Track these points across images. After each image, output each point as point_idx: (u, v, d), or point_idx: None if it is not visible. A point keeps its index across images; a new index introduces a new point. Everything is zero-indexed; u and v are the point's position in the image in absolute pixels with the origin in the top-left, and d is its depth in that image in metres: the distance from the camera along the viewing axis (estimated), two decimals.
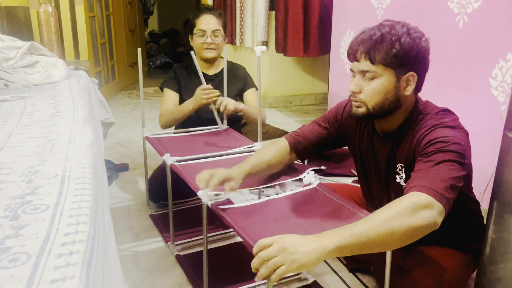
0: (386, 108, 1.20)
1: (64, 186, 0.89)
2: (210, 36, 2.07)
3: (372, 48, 1.16)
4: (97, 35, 4.09)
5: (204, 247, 1.39)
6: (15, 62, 1.99)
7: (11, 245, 0.67)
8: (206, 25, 2.08)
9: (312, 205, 1.29)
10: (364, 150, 1.37)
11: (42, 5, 2.65)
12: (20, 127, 1.33)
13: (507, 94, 1.67)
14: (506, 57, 1.66)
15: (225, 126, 2.05)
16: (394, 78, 1.17)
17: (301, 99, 4.31)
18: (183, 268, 1.61)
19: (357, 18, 2.69)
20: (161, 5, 7.38)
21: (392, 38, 1.14)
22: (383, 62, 1.15)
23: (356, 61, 1.21)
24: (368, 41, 1.17)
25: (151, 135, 1.94)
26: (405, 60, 1.15)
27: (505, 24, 1.66)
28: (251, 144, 1.83)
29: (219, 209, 1.24)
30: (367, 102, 1.20)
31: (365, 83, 1.20)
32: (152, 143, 1.86)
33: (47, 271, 0.60)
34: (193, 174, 1.49)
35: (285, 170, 1.53)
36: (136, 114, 3.85)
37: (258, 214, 1.25)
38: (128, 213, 2.06)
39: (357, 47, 1.19)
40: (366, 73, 1.18)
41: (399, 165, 1.27)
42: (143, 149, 2.04)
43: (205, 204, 1.29)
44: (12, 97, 1.72)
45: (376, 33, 1.17)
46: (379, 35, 1.16)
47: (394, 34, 1.15)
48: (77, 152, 1.11)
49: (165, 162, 1.63)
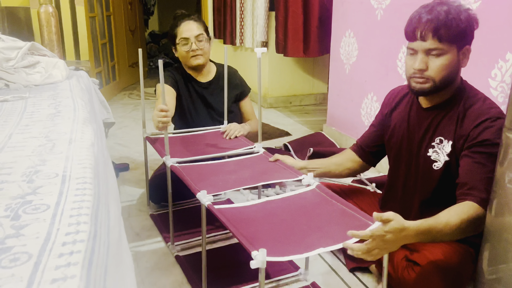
0: (450, 81, 1.31)
1: (64, 186, 0.89)
2: (195, 42, 2.01)
3: (440, 27, 1.24)
4: (98, 35, 4.09)
5: (202, 248, 1.39)
6: (15, 63, 1.99)
7: (11, 244, 0.67)
8: (187, 32, 2.01)
9: (310, 207, 1.29)
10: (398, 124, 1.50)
11: (43, 5, 2.65)
12: (20, 127, 1.33)
13: (507, 94, 1.67)
14: (505, 57, 1.66)
15: None
16: (456, 53, 1.28)
17: (301, 99, 4.32)
18: (183, 268, 1.61)
19: (357, 18, 2.70)
20: (161, 5, 7.39)
21: (454, 17, 1.24)
22: (449, 39, 1.25)
23: (421, 40, 1.27)
24: (435, 20, 1.24)
25: (152, 136, 1.95)
26: (466, 35, 1.27)
27: (505, 24, 1.66)
28: (251, 145, 1.83)
29: (216, 209, 1.24)
30: (435, 77, 1.29)
31: (430, 60, 1.28)
32: (152, 144, 1.86)
33: (48, 271, 0.60)
34: (193, 175, 1.49)
35: (285, 171, 1.53)
36: (136, 114, 3.86)
37: (255, 214, 1.25)
38: (128, 213, 2.06)
39: (424, 27, 1.26)
40: (432, 51, 1.27)
41: (438, 138, 1.36)
42: (144, 149, 2.04)
43: (203, 205, 1.29)
44: (12, 97, 1.73)
45: (440, 12, 1.24)
46: (444, 15, 1.24)
47: (454, 12, 1.24)
48: (78, 152, 1.11)
49: (165, 164, 1.63)
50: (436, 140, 1.36)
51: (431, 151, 1.37)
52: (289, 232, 1.15)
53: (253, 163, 1.66)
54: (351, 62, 2.81)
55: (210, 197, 1.29)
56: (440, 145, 1.35)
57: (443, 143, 1.34)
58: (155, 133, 1.97)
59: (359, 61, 2.73)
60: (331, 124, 3.13)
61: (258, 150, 1.79)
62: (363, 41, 2.66)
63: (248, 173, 1.54)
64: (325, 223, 1.20)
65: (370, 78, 2.63)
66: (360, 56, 2.71)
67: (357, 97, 2.77)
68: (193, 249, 1.74)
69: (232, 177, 1.51)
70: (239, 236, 1.10)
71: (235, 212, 1.25)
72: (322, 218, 1.22)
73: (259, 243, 1.08)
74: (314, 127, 3.51)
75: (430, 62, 1.28)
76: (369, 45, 2.61)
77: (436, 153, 1.35)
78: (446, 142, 1.34)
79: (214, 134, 2.01)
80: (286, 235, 1.14)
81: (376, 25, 2.50)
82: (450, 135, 1.33)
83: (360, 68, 2.73)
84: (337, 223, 1.18)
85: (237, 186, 1.44)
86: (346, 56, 2.86)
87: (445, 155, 1.34)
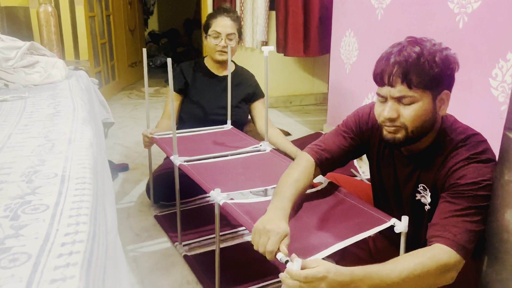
0: (424, 131, 1.15)
1: (64, 186, 0.89)
2: (225, 40, 2.05)
3: (410, 72, 1.07)
4: (97, 35, 4.09)
5: (216, 246, 1.39)
6: (15, 62, 1.99)
7: (11, 245, 0.67)
8: (221, 27, 2.05)
9: (322, 204, 1.30)
10: (385, 163, 1.33)
11: (42, 5, 2.65)
12: (20, 127, 1.33)
13: (507, 94, 1.67)
14: (506, 57, 1.66)
15: (229, 126, 2.06)
16: (431, 100, 1.11)
17: (301, 99, 4.31)
18: (192, 268, 1.61)
19: (357, 18, 2.69)
20: (161, 5, 7.38)
21: (428, 59, 1.07)
22: (421, 86, 1.08)
23: (389, 86, 1.11)
24: (403, 64, 1.08)
25: (158, 135, 1.94)
26: (442, 80, 1.10)
27: (505, 24, 1.66)
28: (256, 143, 1.84)
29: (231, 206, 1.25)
30: (408, 126, 1.12)
31: (401, 108, 1.11)
32: (158, 144, 1.86)
33: (47, 271, 0.60)
34: (203, 174, 1.50)
35: None
36: (136, 114, 3.85)
37: None
38: (128, 213, 2.06)
39: (392, 71, 1.10)
40: (402, 98, 1.10)
41: (421, 185, 1.23)
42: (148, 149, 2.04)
43: (217, 203, 1.30)
44: (12, 97, 1.72)
45: (411, 54, 1.08)
46: (414, 57, 1.08)
47: (427, 54, 1.08)
48: (77, 152, 1.11)
49: (173, 163, 1.63)
50: (420, 187, 1.24)
51: (419, 196, 1.25)
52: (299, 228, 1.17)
53: (261, 161, 1.66)
54: (351, 62, 2.81)
55: (224, 195, 1.30)
56: (426, 191, 1.23)
57: (426, 191, 1.23)
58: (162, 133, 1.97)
59: (359, 61, 2.73)
60: (331, 124, 3.13)
61: (265, 148, 1.79)
62: (364, 41, 2.66)
63: (258, 173, 1.54)
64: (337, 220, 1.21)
65: (370, 78, 2.62)
66: (360, 55, 2.71)
67: (357, 97, 2.76)
68: (202, 249, 1.74)
69: (242, 177, 1.51)
70: None
71: (249, 208, 1.27)
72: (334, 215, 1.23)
73: None
74: (314, 127, 3.50)
75: (401, 109, 1.11)
76: (369, 44, 2.60)
77: (424, 198, 1.24)
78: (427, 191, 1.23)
79: (219, 133, 2.00)
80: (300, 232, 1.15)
81: (376, 24, 2.50)
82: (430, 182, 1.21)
83: (360, 67, 2.73)
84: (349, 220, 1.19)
85: (250, 187, 1.45)
86: (346, 56, 2.86)
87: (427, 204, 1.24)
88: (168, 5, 7.39)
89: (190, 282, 1.55)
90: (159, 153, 2.83)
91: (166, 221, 1.96)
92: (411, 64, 1.07)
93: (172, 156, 1.65)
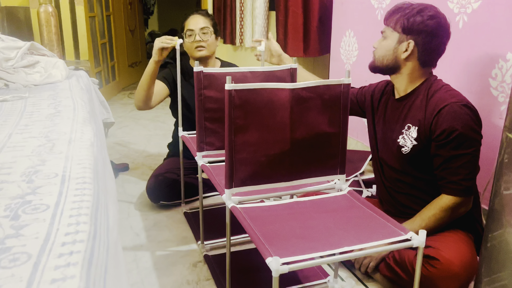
0: (385, 64, 1.51)
1: (64, 186, 0.89)
2: (198, 34, 2.10)
3: (389, 15, 1.48)
4: (97, 35, 4.09)
5: (227, 249, 1.37)
6: (15, 62, 1.99)
7: (11, 245, 0.67)
8: (193, 24, 2.13)
9: (339, 211, 1.28)
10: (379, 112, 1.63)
11: (43, 5, 2.65)
12: (20, 127, 1.33)
13: (507, 94, 1.67)
14: (506, 57, 1.66)
15: None
16: (395, 41, 1.46)
17: None
18: (210, 268, 1.61)
19: (357, 18, 2.69)
20: (161, 5, 7.38)
21: (405, 11, 1.42)
22: (392, 25, 1.46)
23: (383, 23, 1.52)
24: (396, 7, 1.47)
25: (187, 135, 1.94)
26: (408, 29, 1.42)
27: (505, 24, 1.66)
28: None
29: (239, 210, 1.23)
30: (375, 55, 1.54)
31: None
32: (187, 142, 1.86)
33: (48, 271, 0.60)
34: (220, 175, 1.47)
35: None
36: (136, 114, 3.85)
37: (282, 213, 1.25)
38: (128, 213, 2.06)
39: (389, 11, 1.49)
40: (382, 33, 1.52)
41: (407, 125, 1.48)
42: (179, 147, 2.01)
43: (228, 206, 1.28)
44: (12, 97, 1.72)
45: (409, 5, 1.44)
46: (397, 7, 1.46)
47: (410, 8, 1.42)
48: (78, 152, 1.11)
49: (197, 162, 1.64)
50: (405, 127, 1.48)
51: (400, 137, 1.49)
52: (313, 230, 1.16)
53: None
54: (351, 62, 2.81)
55: (235, 199, 1.28)
56: (408, 131, 1.47)
57: (410, 130, 1.46)
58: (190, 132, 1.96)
59: (359, 61, 2.73)
60: None
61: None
62: (363, 41, 2.66)
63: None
64: (352, 226, 1.19)
65: (370, 78, 2.62)
66: (360, 56, 2.71)
67: None
68: (222, 249, 1.75)
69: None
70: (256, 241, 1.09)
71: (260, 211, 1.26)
72: (350, 221, 1.22)
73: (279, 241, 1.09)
74: None
75: None
76: (369, 45, 2.60)
77: (404, 139, 1.48)
78: (413, 128, 1.45)
79: None
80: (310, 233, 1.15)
81: (376, 25, 2.50)
82: (416, 121, 1.45)
83: (360, 67, 2.73)
84: (364, 227, 1.18)
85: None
86: (346, 56, 2.86)
87: (412, 140, 1.46)
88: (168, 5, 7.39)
89: (190, 282, 1.56)
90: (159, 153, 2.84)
91: (194, 220, 1.97)
92: (392, 11, 1.48)
93: (196, 156, 1.65)
